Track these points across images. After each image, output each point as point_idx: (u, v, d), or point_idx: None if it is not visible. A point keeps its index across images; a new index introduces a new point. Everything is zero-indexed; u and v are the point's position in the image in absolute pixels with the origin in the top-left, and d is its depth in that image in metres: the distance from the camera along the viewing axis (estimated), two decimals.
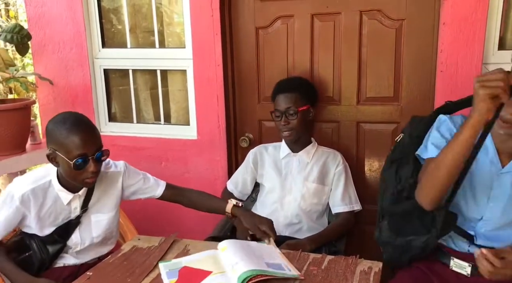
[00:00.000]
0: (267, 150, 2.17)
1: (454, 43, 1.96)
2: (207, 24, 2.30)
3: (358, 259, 1.48)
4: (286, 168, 2.09)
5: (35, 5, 2.61)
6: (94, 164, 1.51)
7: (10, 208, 1.58)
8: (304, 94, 2.04)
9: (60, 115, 1.56)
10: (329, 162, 2.07)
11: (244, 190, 2.20)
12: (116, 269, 1.48)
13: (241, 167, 2.22)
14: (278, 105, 2.03)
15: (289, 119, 1.99)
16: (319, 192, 2.03)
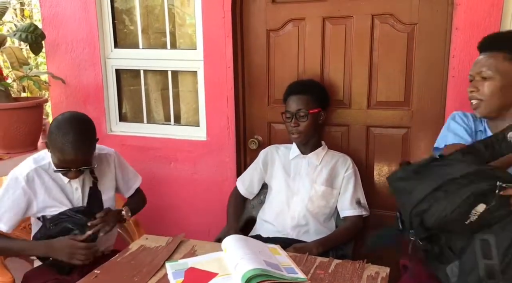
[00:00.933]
0: (278, 150, 2.17)
1: (467, 49, 1.95)
2: (218, 26, 2.31)
3: (365, 263, 1.48)
4: (295, 169, 2.08)
5: (50, 5, 2.64)
6: (75, 174, 1.64)
7: (16, 190, 1.64)
8: (316, 97, 2.04)
9: (62, 117, 1.62)
10: (339, 166, 2.06)
11: (250, 188, 2.21)
12: (123, 268, 1.49)
13: (251, 165, 2.23)
14: (289, 106, 2.03)
15: (299, 121, 1.99)
16: (327, 194, 2.02)
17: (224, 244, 1.50)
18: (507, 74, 1.38)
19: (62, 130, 1.57)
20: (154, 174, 2.64)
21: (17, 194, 1.65)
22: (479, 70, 1.44)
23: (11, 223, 1.67)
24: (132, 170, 2.01)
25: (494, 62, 1.39)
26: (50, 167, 1.70)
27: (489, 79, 1.41)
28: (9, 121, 2.36)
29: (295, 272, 1.40)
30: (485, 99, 1.44)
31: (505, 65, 1.38)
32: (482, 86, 1.43)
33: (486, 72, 1.41)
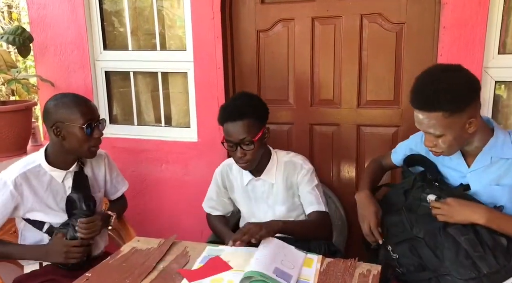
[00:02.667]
0: (231, 170, 1.93)
1: (454, 47, 1.97)
2: (208, 27, 2.31)
3: (357, 261, 1.48)
4: (253, 193, 1.88)
5: (37, 8, 2.62)
6: (98, 131, 1.70)
7: (4, 193, 1.65)
8: (257, 117, 1.74)
9: (56, 96, 1.71)
10: (291, 174, 1.84)
11: (228, 209, 2.00)
12: (115, 270, 1.48)
13: (213, 191, 1.98)
14: (229, 135, 1.72)
15: (246, 150, 1.71)
16: (291, 208, 1.88)
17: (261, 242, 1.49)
18: (454, 126, 1.38)
19: (64, 97, 1.68)
20: (145, 175, 2.63)
21: (5, 197, 1.65)
22: (426, 130, 1.43)
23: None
24: (120, 174, 2.02)
25: (436, 122, 1.38)
26: (40, 168, 1.70)
27: (441, 136, 1.41)
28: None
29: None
30: (445, 151, 1.46)
31: (448, 121, 1.37)
32: (437, 142, 1.44)
33: (435, 132, 1.40)
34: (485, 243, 1.38)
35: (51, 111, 1.66)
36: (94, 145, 1.71)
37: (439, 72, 1.42)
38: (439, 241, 1.45)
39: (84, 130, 1.65)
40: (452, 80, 1.37)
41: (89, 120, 1.66)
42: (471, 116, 1.38)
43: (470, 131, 1.41)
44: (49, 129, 1.68)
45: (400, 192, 1.63)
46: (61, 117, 1.64)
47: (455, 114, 1.36)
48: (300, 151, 1.98)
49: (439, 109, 1.36)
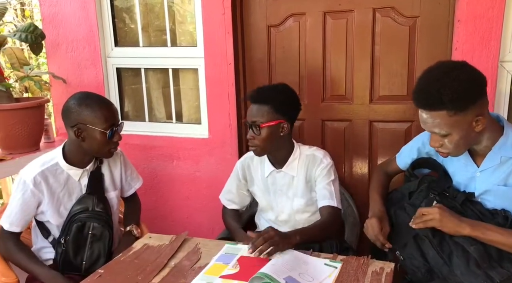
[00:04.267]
0: (253, 162, 1.95)
1: (470, 41, 1.93)
2: (218, 23, 2.30)
3: (370, 259, 1.47)
4: (273, 186, 1.90)
5: (49, 5, 2.64)
6: (118, 134, 1.73)
7: (25, 192, 1.67)
8: (277, 107, 1.75)
9: (80, 94, 1.71)
10: (310, 167, 1.85)
11: (244, 203, 2.02)
12: (127, 267, 1.48)
13: (233, 182, 1.99)
14: (247, 114, 1.80)
15: (254, 133, 1.75)
16: (310, 203, 1.89)
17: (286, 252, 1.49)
18: (460, 125, 1.34)
19: (87, 99, 1.68)
20: (156, 172, 2.64)
21: (26, 195, 1.67)
22: (431, 130, 1.40)
23: (23, 224, 1.71)
24: (135, 171, 2.03)
25: (441, 121, 1.34)
26: (58, 167, 1.71)
27: (447, 135, 1.38)
28: (11, 122, 2.35)
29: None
30: (452, 151, 1.43)
31: (453, 120, 1.32)
32: (443, 141, 1.40)
33: (441, 132, 1.37)
34: (490, 255, 1.37)
35: (73, 111, 1.66)
36: (113, 147, 1.73)
37: (442, 70, 1.37)
38: (444, 245, 1.43)
39: (106, 135, 1.66)
40: (455, 77, 1.32)
41: (112, 125, 1.68)
42: (477, 114, 1.34)
43: (478, 129, 1.36)
44: (69, 129, 1.68)
45: (405, 192, 1.63)
46: (84, 119, 1.64)
47: (460, 113, 1.32)
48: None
49: (443, 107, 1.32)
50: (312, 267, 1.43)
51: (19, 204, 1.67)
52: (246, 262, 1.45)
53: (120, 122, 1.75)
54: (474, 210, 1.47)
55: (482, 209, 1.47)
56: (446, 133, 1.37)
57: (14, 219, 1.68)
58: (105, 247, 1.77)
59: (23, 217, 1.68)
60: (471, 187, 1.52)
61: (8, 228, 1.68)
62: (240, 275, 1.37)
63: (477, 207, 1.48)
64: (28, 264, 1.67)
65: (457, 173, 1.56)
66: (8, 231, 1.69)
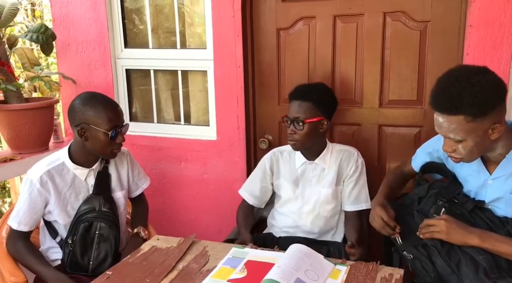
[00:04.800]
0: (282, 155, 2.04)
1: (481, 46, 1.92)
2: (228, 25, 2.30)
3: (378, 265, 1.46)
4: (302, 177, 1.99)
5: (60, 6, 2.65)
6: (122, 136, 1.73)
7: (32, 192, 1.68)
8: (319, 104, 1.87)
9: (86, 94, 1.72)
10: (344, 161, 1.96)
11: (264, 198, 2.09)
12: (135, 269, 1.49)
13: (257, 176, 2.07)
14: (289, 111, 1.89)
15: (296, 129, 1.85)
16: (335, 194, 1.97)
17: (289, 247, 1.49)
18: (476, 132, 1.32)
19: (92, 99, 1.69)
20: (164, 173, 2.64)
21: (34, 195, 1.69)
22: (446, 135, 1.37)
23: (32, 223, 1.72)
24: (142, 171, 2.04)
25: (457, 127, 1.32)
26: (64, 166, 1.73)
27: (461, 141, 1.35)
28: (21, 122, 2.37)
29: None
30: (465, 157, 1.40)
31: (469, 126, 1.30)
32: (457, 147, 1.37)
33: (456, 137, 1.34)
34: (500, 265, 1.35)
35: (78, 110, 1.67)
36: (116, 148, 1.75)
37: (463, 74, 1.34)
38: (452, 254, 1.41)
39: (108, 136, 1.67)
40: (477, 82, 1.29)
41: (115, 126, 1.69)
42: (495, 122, 1.32)
43: (493, 137, 1.34)
44: (73, 128, 1.70)
45: (414, 197, 1.61)
46: (88, 119, 1.66)
47: (477, 119, 1.29)
48: None
49: (461, 112, 1.29)
50: (315, 260, 1.44)
51: (27, 203, 1.68)
52: (253, 266, 1.45)
53: (124, 123, 1.76)
54: (483, 218, 1.46)
55: (492, 216, 1.46)
56: (460, 139, 1.35)
57: (22, 218, 1.69)
58: (112, 247, 1.78)
59: (31, 216, 1.70)
60: (482, 193, 1.50)
61: (17, 228, 1.70)
62: (248, 280, 1.37)
63: (487, 214, 1.46)
64: (35, 265, 1.68)
65: (468, 179, 1.54)
66: (16, 230, 1.70)
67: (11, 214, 1.73)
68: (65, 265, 1.75)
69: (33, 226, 1.73)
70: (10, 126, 2.39)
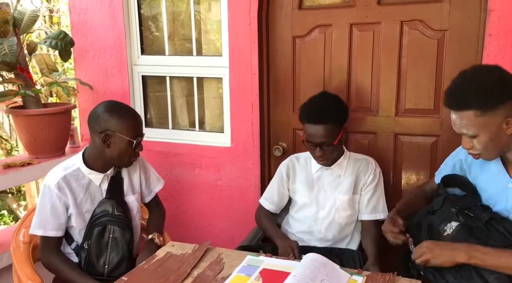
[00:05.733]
0: (298, 161, 2.07)
1: (500, 56, 1.89)
2: (244, 33, 2.31)
3: (395, 276, 1.44)
4: (318, 182, 2.01)
5: (79, 13, 2.69)
6: (141, 146, 1.78)
7: (51, 197, 1.70)
8: (338, 121, 1.89)
9: (110, 102, 1.77)
10: (361, 171, 1.98)
11: (281, 204, 2.11)
12: (150, 275, 1.49)
13: (274, 182, 2.11)
14: (310, 136, 1.86)
15: (325, 150, 1.87)
16: (351, 202, 1.96)
17: (307, 255, 1.49)
18: (487, 127, 1.33)
19: (118, 108, 1.74)
20: (178, 179, 2.65)
21: (53, 200, 1.70)
22: (460, 131, 1.39)
23: (58, 227, 1.72)
24: (155, 173, 2.04)
25: (469, 122, 1.34)
26: (79, 172, 1.75)
27: (476, 137, 1.37)
28: (39, 127, 2.40)
29: None
30: (483, 152, 1.41)
31: (480, 121, 1.32)
32: (473, 143, 1.39)
33: (468, 133, 1.36)
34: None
35: (104, 118, 1.69)
36: (134, 157, 1.78)
37: (473, 72, 1.39)
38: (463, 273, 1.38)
39: (132, 144, 1.71)
40: (484, 78, 1.34)
41: (138, 136, 1.73)
42: (507, 116, 1.32)
43: (509, 132, 1.34)
44: (96, 135, 1.71)
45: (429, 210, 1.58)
46: (114, 127, 1.69)
47: (487, 113, 1.31)
48: None
49: (469, 107, 1.32)
50: (331, 269, 1.42)
51: (49, 208, 1.69)
52: (268, 275, 1.45)
53: (143, 133, 1.80)
54: (499, 229, 1.42)
55: (510, 227, 1.42)
56: (474, 135, 1.36)
57: (46, 223, 1.70)
58: (126, 251, 1.79)
59: (55, 220, 1.71)
60: (503, 199, 1.46)
61: (44, 234, 1.71)
62: None
63: (505, 225, 1.43)
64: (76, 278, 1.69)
65: (488, 184, 1.51)
66: (45, 237, 1.71)
67: (32, 224, 1.72)
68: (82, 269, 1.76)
69: (61, 230, 1.73)
70: (28, 131, 2.42)
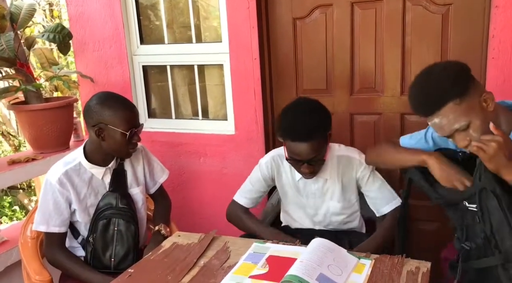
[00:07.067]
0: (282, 161, 1.87)
1: (508, 28, 1.83)
2: (243, 17, 2.26)
3: (404, 258, 1.42)
4: (305, 190, 1.87)
5: (76, 4, 2.66)
6: (138, 137, 1.73)
7: (53, 193, 1.69)
8: (325, 132, 1.70)
9: (102, 94, 1.72)
10: (346, 170, 1.82)
11: (259, 200, 1.97)
12: (156, 266, 1.48)
13: (254, 180, 1.93)
14: (296, 154, 1.66)
15: (314, 165, 1.70)
16: (346, 207, 1.86)
17: (315, 239, 1.45)
18: (473, 109, 1.31)
19: (110, 99, 1.69)
20: (184, 169, 2.64)
21: (55, 196, 1.69)
22: (452, 129, 1.33)
23: (61, 223, 1.71)
24: (159, 164, 2.01)
25: (455, 113, 1.30)
26: (81, 166, 1.73)
27: (469, 125, 1.32)
28: (41, 122, 2.39)
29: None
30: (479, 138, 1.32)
31: (464, 107, 1.30)
32: (469, 135, 1.33)
33: (461, 124, 1.31)
34: None
35: (95, 110, 1.66)
36: (132, 148, 1.74)
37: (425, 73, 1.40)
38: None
39: (126, 136, 1.67)
40: (442, 69, 1.37)
41: (132, 127, 1.68)
42: (480, 93, 1.33)
43: (491, 108, 1.33)
44: (90, 128, 1.69)
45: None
46: (106, 119, 1.65)
47: (465, 97, 1.30)
48: (340, 142, 1.91)
49: (446, 101, 1.31)
50: (338, 254, 1.40)
51: (51, 204, 1.69)
52: (275, 262, 1.43)
53: (140, 123, 1.75)
54: None
55: None
56: (466, 123, 1.32)
57: (49, 219, 1.69)
58: (131, 243, 1.78)
59: (58, 216, 1.70)
60: None
61: (47, 230, 1.70)
62: (270, 276, 1.35)
63: None
64: (81, 273, 1.69)
65: None
66: (49, 233, 1.71)
67: (35, 220, 1.72)
68: (88, 263, 1.76)
69: (64, 226, 1.72)
70: (31, 126, 2.42)
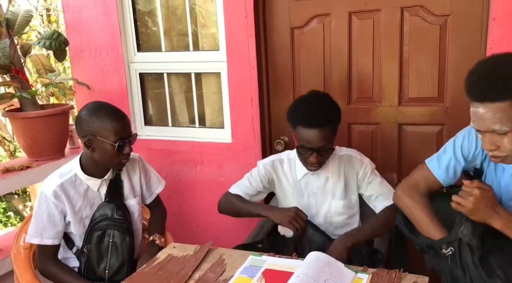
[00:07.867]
0: (283, 166, 1.89)
1: (506, 40, 1.83)
2: (241, 26, 2.26)
3: (402, 273, 1.40)
4: (306, 189, 1.86)
5: (72, 11, 2.65)
6: (129, 146, 1.69)
7: (48, 205, 1.67)
8: (337, 122, 1.73)
9: (92, 104, 1.69)
10: (348, 169, 1.83)
11: (254, 198, 1.94)
12: (151, 278, 1.46)
13: (251, 178, 1.92)
14: (307, 141, 1.66)
15: (322, 154, 1.70)
16: (348, 206, 1.85)
17: (310, 253, 1.43)
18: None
19: (99, 110, 1.65)
20: (180, 177, 2.62)
21: (50, 208, 1.67)
22: (490, 128, 1.20)
23: (55, 235, 1.69)
24: (156, 175, 1.99)
25: (504, 115, 1.16)
26: (76, 178, 1.71)
27: (507, 133, 1.19)
28: (37, 129, 2.38)
29: None
30: (510, 154, 1.23)
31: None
32: (501, 142, 1.21)
33: (502, 129, 1.18)
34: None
35: (84, 121, 1.64)
36: (124, 158, 1.70)
37: (499, 59, 1.22)
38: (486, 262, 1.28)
39: (115, 147, 1.63)
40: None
41: (122, 138, 1.64)
42: None
43: None
44: (81, 139, 1.68)
45: None
46: (94, 131, 1.62)
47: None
48: None
49: (504, 97, 1.14)
50: (335, 268, 1.38)
51: (45, 216, 1.66)
52: (271, 276, 1.41)
53: (132, 134, 1.71)
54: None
55: None
56: (507, 130, 1.18)
57: (43, 232, 1.67)
58: (126, 255, 1.76)
59: (52, 228, 1.68)
60: None
61: (40, 242, 1.68)
62: None
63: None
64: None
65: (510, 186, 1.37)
66: (42, 246, 1.69)
67: (29, 232, 1.69)
68: (82, 274, 1.74)
69: (57, 239, 1.70)
70: (26, 134, 2.40)
